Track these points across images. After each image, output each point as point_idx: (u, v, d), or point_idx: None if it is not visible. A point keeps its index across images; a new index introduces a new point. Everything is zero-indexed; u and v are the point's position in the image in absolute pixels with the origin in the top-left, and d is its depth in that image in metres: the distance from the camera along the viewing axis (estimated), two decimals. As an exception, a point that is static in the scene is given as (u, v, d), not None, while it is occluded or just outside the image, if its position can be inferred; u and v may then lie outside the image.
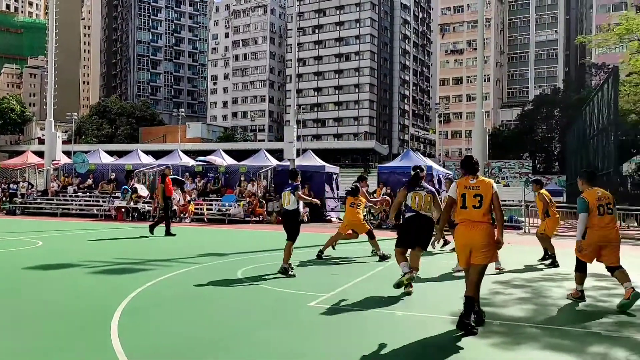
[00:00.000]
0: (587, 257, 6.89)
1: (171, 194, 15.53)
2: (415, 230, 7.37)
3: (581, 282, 7.04)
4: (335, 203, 24.19)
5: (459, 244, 5.68)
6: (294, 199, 8.70)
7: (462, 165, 5.86)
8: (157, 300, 6.73)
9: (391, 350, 4.79)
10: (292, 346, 4.93)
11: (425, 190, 7.42)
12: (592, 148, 27.60)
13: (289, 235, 8.75)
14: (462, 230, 5.62)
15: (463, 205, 5.62)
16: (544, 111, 72.67)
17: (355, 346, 4.92)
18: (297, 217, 8.85)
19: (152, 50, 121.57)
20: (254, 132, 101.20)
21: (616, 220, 6.93)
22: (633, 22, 27.95)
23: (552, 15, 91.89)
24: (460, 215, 5.66)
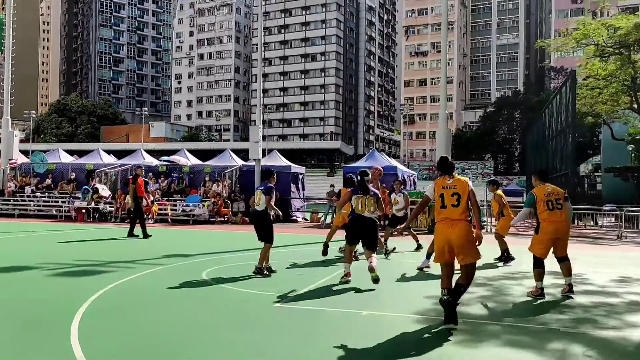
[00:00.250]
0: (541, 252, 7.26)
1: (143, 195, 15.18)
2: (358, 232, 7.93)
3: (540, 279, 7.27)
4: (301, 203, 24.18)
5: (438, 240, 5.80)
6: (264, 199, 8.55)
7: (439, 166, 6.07)
8: (119, 303, 6.60)
9: (355, 350, 4.82)
10: (257, 347, 4.90)
11: (368, 194, 7.89)
12: (551, 149, 28.36)
13: (264, 238, 8.59)
14: (441, 228, 5.77)
15: (442, 204, 5.78)
16: (505, 113, 74.33)
17: (320, 346, 4.93)
18: (268, 218, 8.64)
19: (114, 47, 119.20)
20: (219, 132, 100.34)
21: (567, 214, 7.29)
22: (590, 27, 28.77)
23: (513, 20, 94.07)
24: (440, 214, 5.80)
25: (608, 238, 17.75)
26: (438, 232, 5.81)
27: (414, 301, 6.87)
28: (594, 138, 53.05)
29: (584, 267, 10.14)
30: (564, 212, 7.18)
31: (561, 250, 7.34)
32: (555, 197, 7.18)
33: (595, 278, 8.96)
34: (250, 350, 4.79)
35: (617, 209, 20.32)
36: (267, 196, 8.50)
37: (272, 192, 8.59)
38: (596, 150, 54.13)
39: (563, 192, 7.38)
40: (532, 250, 7.39)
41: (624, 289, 8.05)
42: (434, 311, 6.35)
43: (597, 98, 30.74)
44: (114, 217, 21.14)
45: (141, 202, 15.01)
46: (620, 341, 5.26)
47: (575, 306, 6.75)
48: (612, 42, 28.53)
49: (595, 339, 5.32)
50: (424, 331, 5.48)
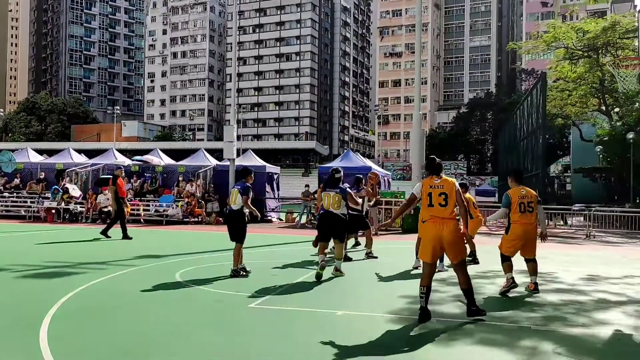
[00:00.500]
0: (509, 251, 7.52)
1: (124, 195, 14.89)
2: (325, 226, 8.59)
3: (510, 270, 7.50)
4: (276, 203, 24.11)
5: (427, 238, 5.90)
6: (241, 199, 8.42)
7: (426, 166, 6.24)
8: (90, 305, 6.48)
9: (331, 350, 4.82)
10: (231, 348, 4.87)
11: (334, 191, 8.51)
12: (522, 150, 28.84)
13: (236, 238, 8.48)
14: (431, 226, 5.87)
15: (430, 203, 5.91)
16: (477, 114, 75.36)
17: (295, 346, 4.92)
18: (243, 218, 8.52)
19: (85, 45, 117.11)
20: (192, 132, 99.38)
21: (538, 218, 7.57)
22: (560, 31, 29.39)
23: (485, 22, 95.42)
24: (428, 212, 5.91)
25: (577, 237, 18.13)
26: (427, 230, 5.90)
27: (389, 301, 6.91)
28: (563, 139, 54.15)
29: (554, 266, 10.34)
30: (533, 215, 7.41)
31: (530, 251, 7.54)
32: (527, 200, 7.39)
33: (565, 276, 9.14)
34: (224, 352, 4.76)
35: (585, 209, 20.78)
36: (244, 196, 8.37)
37: (249, 191, 8.47)
38: (566, 151, 55.29)
39: (536, 196, 7.60)
40: (501, 249, 7.66)
41: (593, 287, 8.23)
42: (408, 310, 6.40)
43: (566, 100, 31.44)
44: (84, 218, 20.77)
45: (123, 203, 14.74)
46: (588, 338, 5.38)
47: (546, 304, 6.87)
48: (581, 45, 29.19)
49: (564, 336, 5.43)
50: (398, 331, 5.52)
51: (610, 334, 5.55)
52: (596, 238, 17.67)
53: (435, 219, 5.85)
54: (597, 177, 39.18)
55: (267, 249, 12.41)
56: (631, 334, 5.59)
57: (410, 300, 6.99)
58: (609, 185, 37.86)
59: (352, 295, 7.31)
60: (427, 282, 5.92)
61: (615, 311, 6.59)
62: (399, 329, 5.56)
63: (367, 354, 4.74)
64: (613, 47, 28.09)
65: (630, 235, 18.42)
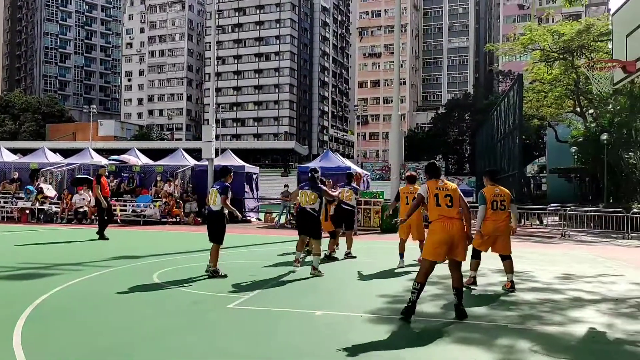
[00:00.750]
0: (482, 246, 7.80)
1: (107, 195, 14.60)
2: (300, 222, 9.15)
3: (475, 269, 7.93)
4: (255, 203, 24.02)
5: (439, 238, 5.99)
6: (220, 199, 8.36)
7: (427, 170, 6.40)
8: (64, 307, 6.37)
9: (309, 350, 4.82)
10: (207, 349, 4.82)
11: (310, 189, 8.92)
12: (499, 150, 29.20)
13: (215, 238, 8.44)
14: (441, 226, 5.99)
15: (437, 203, 6.07)
16: (455, 115, 76.04)
17: (274, 347, 4.90)
18: (223, 218, 8.48)
19: (60, 42, 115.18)
20: (171, 131, 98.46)
21: (511, 215, 7.84)
22: (536, 33, 29.80)
23: (463, 24, 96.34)
24: (436, 212, 6.05)
25: (553, 236, 18.41)
26: (438, 229, 6.01)
27: (368, 300, 6.93)
28: (539, 140, 54.93)
29: (530, 265, 10.49)
30: (505, 213, 7.70)
31: (503, 248, 7.78)
32: (500, 199, 7.68)
33: (541, 275, 9.28)
34: (200, 353, 4.72)
35: (561, 209, 21.13)
36: (223, 196, 8.32)
37: (228, 191, 8.41)
38: (542, 152, 56.13)
39: (509, 195, 7.88)
40: (473, 244, 7.76)
41: (568, 285, 8.37)
42: (387, 310, 6.43)
43: (542, 101, 31.88)
44: (60, 218, 20.43)
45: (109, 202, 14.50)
46: (564, 336, 5.47)
47: (522, 303, 6.96)
48: (556, 47, 29.63)
49: (540, 334, 5.51)
50: (377, 330, 5.54)
51: (585, 332, 5.64)
52: (571, 237, 17.97)
53: (444, 218, 6.00)
54: (572, 177, 39.87)
55: (246, 249, 12.34)
56: (605, 331, 5.70)
57: (389, 299, 7.02)
58: (584, 185, 38.55)
59: (331, 296, 7.31)
60: (424, 279, 6.04)
61: (589, 309, 6.71)
62: (378, 329, 5.58)
63: (346, 354, 4.74)
64: (587, 50, 28.56)
65: (604, 234, 18.77)
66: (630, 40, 8.07)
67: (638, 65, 7.91)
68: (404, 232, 9.57)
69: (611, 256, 12.67)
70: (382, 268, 9.64)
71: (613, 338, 5.47)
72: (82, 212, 20.04)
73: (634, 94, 24.29)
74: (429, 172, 6.36)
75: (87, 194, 20.49)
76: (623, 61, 8.24)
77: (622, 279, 9.13)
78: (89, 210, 20.21)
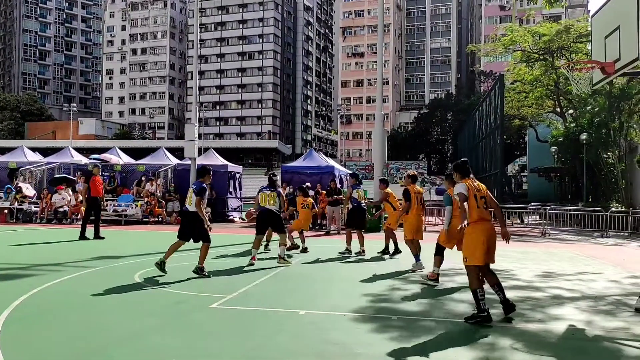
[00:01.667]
0: (446, 244, 7.97)
1: (98, 195, 14.28)
2: (262, 221, 9.77)
3: (438, 265, 8.18)
4: (238, 203, 23.92)
5: (481, 240, 5.85)
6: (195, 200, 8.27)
7: (459, 169, 6.16)
8: (44, 308, 6.28)
9: (292, 350, 4.81)
10: (191, 350, 4.79)
11: (270, 190, 9.72)
12: (481, 150, 29.48)
13: (200, 237, 8.42)
14: (483, 228, 5.87)
15: (477, 205, 5.92)
16: (438, 115, 76.49)
17: (257, 347, 4.89)
18: (200, 217, 8.40)
19: (40, 40, 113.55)
20: (153, 130, 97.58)
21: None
22: (517, 34, 30.10)
23: (445, 24, 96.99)
24: (477, 213, 5.89)
25: (533, 235, 18.63)
26: (479, 232, 5.84)
27: (352, 300, 6.94)
28: (520, 140, 55.55)
29: (511, 263, 10.60)
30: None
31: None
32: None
33: (522, 273, 9.38)
34: (183, 354, 4.68)
35: (541, 207, 21.40)
36: (198, 197, 8.20)
37: (204, 192, 8.28)
38: (522, 152, 56.79)
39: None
40: (439, 240, 8.14)
41: (548, 283, 8.47)
42: (371, 309, 6.45)
43: (523, 102, 32.23)
44: (39, 218, 20.14)
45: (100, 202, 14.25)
46: (544, 333, 5.54)
47: (504, 301, 7.02)
48: (537, 48, 29.97)
49: (522, 331, 5.57)
50: (360, 329, 5.55)
51: (565, 329, 5.72)
52: (551, 236, 18.20)
53: (484, 220, 5.91)
54: (552, 176, 40.38)
55: (229, 249, 12.28)
56: (584, 328, 5.78)
57: (373, 299, 7.04)
58: (563, 184, 39.08)
59: (315, 295, 7.31)
60: (481, 284, 5.91)
61: (569, 307, 6.80)
62: (361, 328, 5.59)
63: (329, 353, 4.74)
64: (567, 51, 28.93)
65: (583, 233, 19.05)
66: (609, 41, 8.19)
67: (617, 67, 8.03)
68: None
69: (590, 254, 12.86)
70: (366, 267, 9.66)
71: (592, 335, 5.55)
72: (62, 212, 19.78)
73: (612, 94, 24.67)
74: (462, 171, 6.11)
75: (66, 193, 20.24)
76: (602, 62, 8.36)
77: (601, 277, 9.28)
78: (69, 210, 19.96)
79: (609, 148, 25.94)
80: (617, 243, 16.34)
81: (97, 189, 14.13)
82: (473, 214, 5.89)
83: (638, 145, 25.41)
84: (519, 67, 31.77)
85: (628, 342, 5.29)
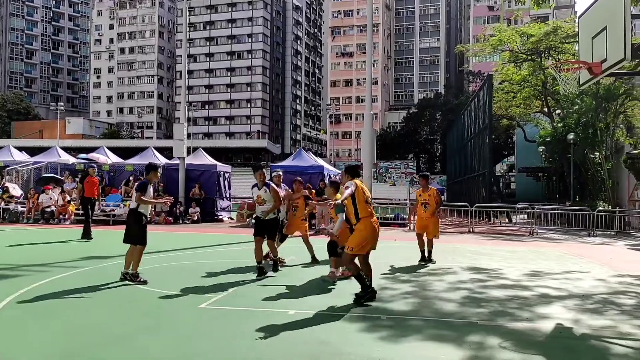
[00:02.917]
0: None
1: (92, 195, 14.09)
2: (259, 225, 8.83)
3: (338, 267, 8.28)
4: (228, 202, 23.85)
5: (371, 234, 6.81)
6: (135, 196, 8.00)
7: (349, 171, 7.01)
8: (30, 309, 6.21)
9: (280, 349, 4.80)
10: (179, 350, 4.76)
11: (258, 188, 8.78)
12: (469, 150, 29.60)
13: (128, 239, 8.00)
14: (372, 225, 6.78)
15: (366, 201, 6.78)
16: (427, 114, 76.78)
17: (247, 347, 4.87)
18: (139, 218, 8.01)
19: (26, 38, 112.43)
20: (141, 129, 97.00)
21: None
22: (505, 34, 30.28)
23: (434, 24, 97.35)
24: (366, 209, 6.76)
25: (521, 234, 18.76)
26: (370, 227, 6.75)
27: (341, 299, 6.94)
28: (508, 139, 55.87)
29: (499, 262, 10.67)
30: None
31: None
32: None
33: (510, 272, 9.44)
34: (174, 353, 4.66)
35: (529, 207, 21.56)
36: (138, 192, 7.92)
37: (144, 187, 7.94)
38: (511, 151, 57.09)
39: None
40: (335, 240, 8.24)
41: (536, 282, 8.53)
42: (361, 309, 6.45)
43: (511, 102, 32.42)
44: (26, 218, 19.94)
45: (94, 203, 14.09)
46: (532, 332, 5.58)
47: (492, 300, 7.08)
48: (525, 48, 30.17)
49: (510, 330, 5.60)
50: (349, 329, 5.56)
51: (552, 328, 5.77)
52: (539, 235, 18.34)
53: (373, 216, 6.86)
54: (540, 176, 40.68)
55: (218, 249, 12.25)
56: (571, 327, 5.83)
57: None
58: (551, 184, 39.38)
59: (305, 295, 7.29)
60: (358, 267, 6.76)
61: (556, 305, 6.86)
62: (351, 327, 5.60)
63: (318, 352, 4.74)
64: (555, 51, 29.16)
65: (570, 232, 19.21)
66: (596, 42, 8.27)
67: (603, 67, 8.11)
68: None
69: (577, 253, 12.97)
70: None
71: (579, 333, 5.60)
72: (49, 212, 19.61)
73: (599, 94, 24.90)
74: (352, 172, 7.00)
75: (54, 193, 20.06)
76: (589, 63, 8.44)
77: (588, 276, 9.36)
78: (56, 210, 19.79)
79: (595, 148, 26.19)
80: (603, 242, 16.50)
81: (92, 190, 14.00)
82: (364, 210, 6.62)
83: (624, 145, 25.68)
84: (507, 67, 31.96)
85: (615, 340, 5.35)
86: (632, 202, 24.65)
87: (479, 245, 14.30)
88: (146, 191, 7.92)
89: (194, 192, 21.60)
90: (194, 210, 21.01)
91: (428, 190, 10.79)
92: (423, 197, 10.76)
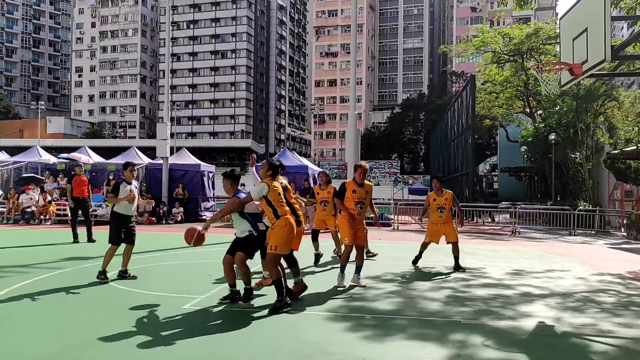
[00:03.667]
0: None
1: (82, 195, 13.87)
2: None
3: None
4: (211, 202, 23.73)
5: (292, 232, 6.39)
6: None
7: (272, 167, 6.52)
8: (9, 312, 6.12)
9: (265, 349, 4.79)
10: (161, 352, 4.72)
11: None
12: (452, 150, 29.83)
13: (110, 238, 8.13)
14: (292, 222, 6.41)
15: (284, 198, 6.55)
16: (411, 115, 77.11)
17: (231, 347, 4.85)
18: (114, 217, 8.15)
19: (6, 36, 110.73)
20: (124, 129, 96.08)
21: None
22: (488, 35, 30.57)
23: (418, 25, 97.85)
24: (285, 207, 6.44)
25: (504, 233, 18.94)
26: (290, 225, 6.36)
27: (326, 299, 6.94)
28: (491, 140, 56.35)
29: (482, 261, 10.76)
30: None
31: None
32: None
33: (493, 271, 9.52)
34: (157, 355, 4.62)
35: (511, 206, 21.78)
36: (112, 194, 8.07)
37: (117, 187, 8.11)
38: (493, 151, 57.61)
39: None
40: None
41: (518, 281, 8.62)
42: (345, 308, 6.46)
43: (494, 102, 32.73)
44: (6, 219, 19.65)
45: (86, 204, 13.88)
46: (514, 330, 5.63)
47: (475, 299, 7.13)
48: (507, 49, 30.47)
49: (493, 329, 5.65)
50: (335, 328, 5.56)
51: (535, 326, 5.83)
52: (521, 234, 18.53)
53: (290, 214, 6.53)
54: (522, 176, 41.09)
55: (202, 249, 12.16)
56: (553, 325, 5.90)
57: (346, 298, 7.06)
58: (533, 183, 39.78)
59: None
60: (280, 274, 6.32)
61: (538, 304, 6.93)
62: (335, 326, 5.60)
63: (303, 351, 4.74)
64: (536, 52, 29.49)
65: (552, 231, 19.45)
66: (577, 43, 8.37)
67: (584, 68, 8.21)
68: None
69: (558, 252, 13.13)
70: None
71: (560, 331, 5.67)
72: (30, 212, 19.34)
73: (580, 95, 25.23)
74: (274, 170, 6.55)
75: (34, 193, 19.80)
76: (570, 64, 8.54)
77: (569, 274, 9.48)
78: (37, 210, 19.53)
79: (576, 148, 26.53)
80: (584, 241, 16.72)
81: (81, 189, 13.82)
82: (283, 207, 6.31)
83: (604, 145, 26.05)
84: (490, 68, 32.24)
85: (595, 337, 5.42)
86: (612, 201, 25.04)
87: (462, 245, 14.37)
88: (118, 191, 7.99)
89: (178, 192, 21.46)
90: (177, 211, 20.87)
91: (443, 194, 9.79)
92: (438, 202, 9.72)
